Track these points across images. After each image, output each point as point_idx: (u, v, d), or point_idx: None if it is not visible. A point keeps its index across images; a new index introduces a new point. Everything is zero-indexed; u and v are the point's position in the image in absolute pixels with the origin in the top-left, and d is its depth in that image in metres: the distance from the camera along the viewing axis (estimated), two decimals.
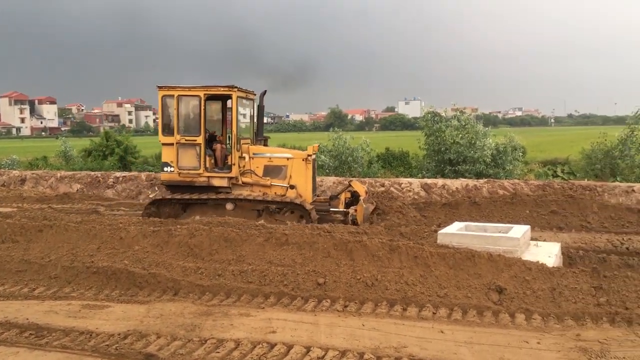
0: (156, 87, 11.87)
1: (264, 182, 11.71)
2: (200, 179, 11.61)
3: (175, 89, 11.64)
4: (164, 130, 11.86)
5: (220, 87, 11.64)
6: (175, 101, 11.58)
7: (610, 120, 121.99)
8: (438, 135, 19.01)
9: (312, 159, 11.73)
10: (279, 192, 11.68)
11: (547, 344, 5.34)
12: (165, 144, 11.77)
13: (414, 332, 5.72)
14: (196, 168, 11.55)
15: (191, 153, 11.59)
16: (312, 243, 7.68)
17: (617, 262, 8.06)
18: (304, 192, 11.70)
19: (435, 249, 7.41)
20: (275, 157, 11.93)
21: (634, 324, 5.74)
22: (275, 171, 11.81)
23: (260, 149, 12.10)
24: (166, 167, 11.74)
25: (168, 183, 11.90)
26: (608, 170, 19.53)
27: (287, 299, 6.74)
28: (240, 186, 11.77)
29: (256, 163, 11.81)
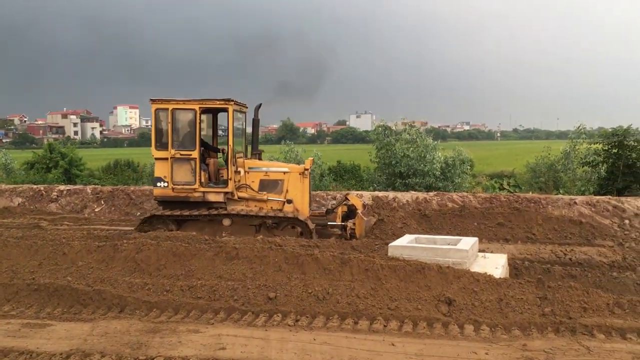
0: (149, 100, 11.51)
1: (260, 197, 11.49)
2: (195, 195, 11.28)
3: (169, 102, 11.31)
4: (157, 145, 11.46)
5: (216, 101, 11.36)
6: (169, 115, 11.26)
7: (553, 134, 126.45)
8: (389, 149, 19.28)
9: (308, 173, 11.61)
10: (275, 207, 11.48)
11: (495, 355, 5.42)
12: (159, 159, 11.40)
13: (365, 345, 5.71)
14: (191, 183, 11.23)
15: (186, 168, 11.27)
16: (263, 257, 7.61)
17: (560, 272, 8.30)
18: (301, 206, 11.53)
19: (386, 261, 7.45)
20: (271, 172, 11.68)
21: (577, 333, 5.89)
22: (272, 185, 11.61)
23: (256, 163, 11.83)
24: (159, 182, 11.36)
25: (161, 199, 11.52)
26: (552, 183, 20.20)
27: (238, 314, 6.63)
28: (235, 201, 11.49)
29: (252, 177, 11.57)
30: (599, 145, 19.76)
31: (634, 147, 18.71)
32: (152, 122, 11.71)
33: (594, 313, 6.27)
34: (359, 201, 12.00)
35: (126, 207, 17.17)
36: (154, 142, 11.47)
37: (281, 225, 11.20)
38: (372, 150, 20.74)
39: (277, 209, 11.41)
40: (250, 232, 11.01)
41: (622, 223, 14.61)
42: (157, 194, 11.47)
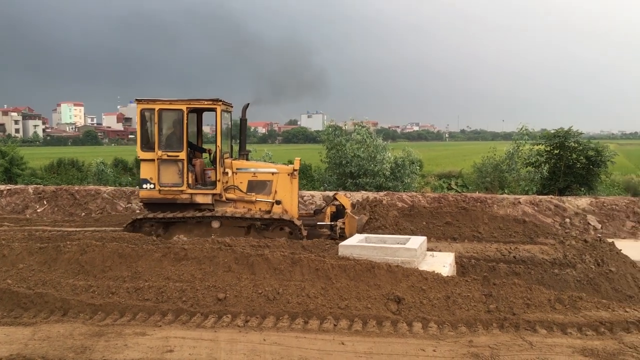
0: (135, 100, 11.21)
1: (248, 198, 11.34)
2: (183, 196, 11.06)
3: (156, 103, 11.06)
4: (142, 146, 11.19)
5: (203, 101, 11.19)
6: (156, 115, 10.99)
7: (499, 136, 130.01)
8: (339, 149, 19.39)
9: (297, 174, 11.49)
10: (264, 208, 11.34)
11: (442, 351, 5.51)
12: (145, 160, 11.14)
13: (315, 345, 5.71)
14: (178, 185, 11.01)
15: (173, 169, 11.05)
16: (213, 257, 7.51)
17: (505, 270, 8.51)
18: (290, 207, 11.42)
19: (336, 261, 7.47)
20: (260, 172, 11.58)
21: (520, 328, 6.06)
22: (260, 186, 11.50)
23: (244, 164, 11.69)
24: (145, 183, 11.09)
25: (147, 201, 11.23)
26: (497, 183, 20.73)
27: (186, 315, 6.53)
28: (223, 203, 11.30)
29: (240, 178, 11.44)
30: (542, 147, 20.44)
31: (575, 148, 19.45)
32: (137, 123, 11.39)
33: (536, 309, 6.46)
34: (347, 200, 12.03)
35: (70, 207, 16.68)
36: (140, 143, 11.22)
37: (271, 227, 11.07)
38: (323, 150, 20.81)
39: (265, 210, 11.29)
40: (239, 233, 10.83)
41: (563, 222, 15.15)
42: (143, 196, 11.22)
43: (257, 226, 11.06)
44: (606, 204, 15.50)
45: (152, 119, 11.11)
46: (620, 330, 6.00)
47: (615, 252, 9.68)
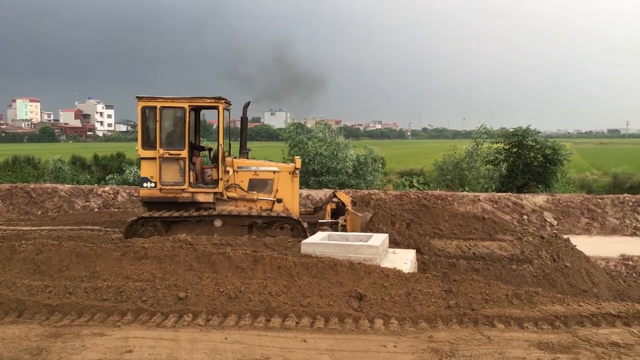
0: (135, 97, 11.01)
1: (250, 197, 11.26)
2: (184, 195, 10.93)
3: (157, 100, 10.89)
4: (143, 144, 10.99)
5: (206, 99, 11.09)
6: (157, 113, 10.82)
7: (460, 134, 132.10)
8: (301, 147, 19.39)
9: (298, 172, 11.46)
10: (265, 207, 11.27)
11: (403, 347, 5.58)
12: (145, 158, 10.96)
13: (277, 342, 5.71)
14: (180, 183, 10.89)
15: (175, 168, 10.92)
16: (173, 256, 7.41)
17: (465, 266, 8.67)
18: (291, 205, 11.38)
19: (299, 258, 7.48)
20: (261, 171, 11.50)
21: (479, 323, 6.19)
22: (261, 185, 11.44)
23: (245, 162, 11.59)
24: (146, 182, 10.93)
25: (148, 200, 11.04)
26: (457, 180, 21.07)
27: (146, 315, 6.44)
28: (224, 201, 11.20)
29: (241, 177, 11.36)
30: (501, 145, 20.87)
31: (532, 146, 19.92)
32: (138, 121, 11.22)
33: (494, 304, 6.60)
34: (347, 197, 12.03)
35: (26, 205, 16.28)
36: (141, 141, 11.05)
37: (273, 225, 11.05)
38: (286, 148, 20.79)
39: (266, 209, 11.25)
40: (242, 232, 10.78)
41: (521, 218, 15.51)
42: (143, 194, 11.08)
43: (258, 225, 11.05)
44: (562, 201, 15.93)
45: (153, 116, 11.00)
46: (574, 324, 6.18)
47: (570, 247, 9.96)
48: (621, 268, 11.33)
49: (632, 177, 21.87)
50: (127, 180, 21.26)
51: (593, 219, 15.48)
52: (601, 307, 6.58)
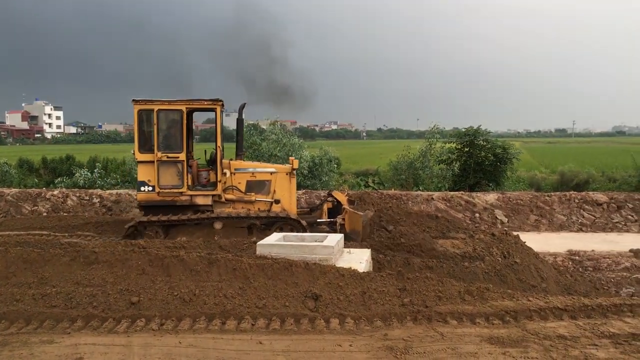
0: (132, 100, 10.78)
1: (248, 198, 11.22)
2: (183, 198, 10.81)
3: (154, 103, 10.75)
4: (140, 147, 10.82)
5: (203, 101, 11.00)
6: (154, 116, 10.68)
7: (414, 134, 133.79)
8: (256, 148, 19.31)
9: (295, 173, 11.47)
10: (262, 208, 11.25)
11: (358, 346, 5.62)
12: (142, 162, 10.79)
13: (232, 345, 5.66)
14: (178, 186, 10.79)
15: (173, 171, 10.82)
16: (125, 260, 7.27)
17: (419, 264, 8.79)
18: (289, 206, 11.37)
19: (254, 260, 7.44)
20: (258, 172, 11.51)
21: (433, 320, 6.29)
22: (259, 186, 11.43)
23: (242, 164, 11.55)
24: (143, 186, 10.79)
25: (146, 203, 10.89)
26: (411, 180, 21.35)
27: (97, 321, 6.29)
28: (222, 203, 11.11)
29: (238, 179, 11.33)
30: (453, 145, 21.26)
31: (483, 146, 20.37)
32: (135, 124, 11.06)
33: (447, 301, 6.72)
34: (344, 196, 12.07)
35: None
36: (137, 145, 10.89)
37: (274, 226, 11.03)
38: None
39: (265, 210, 11.26)
40: (242, 234, 10.81)
41: (473, 216, 15.84)
42: (141, 198, 10.95)
43: (257, 226, 11.06)
44: (512, 199, 16.35)
45: (150, 119, 10.88)
46: (523, 318, 6.34)
47: (520, 244, 10.23)
48: (568, 263, 11.71)
49: (578, 175, 22.62)
50: (77, 184, 20.71)
51: (541, 216, 15.94)
52: (549, 302, 6.79)
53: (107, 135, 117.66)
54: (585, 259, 11.90)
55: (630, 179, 22.00)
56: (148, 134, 11.02)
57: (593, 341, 5.64)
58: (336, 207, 11.98)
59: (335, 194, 12.34)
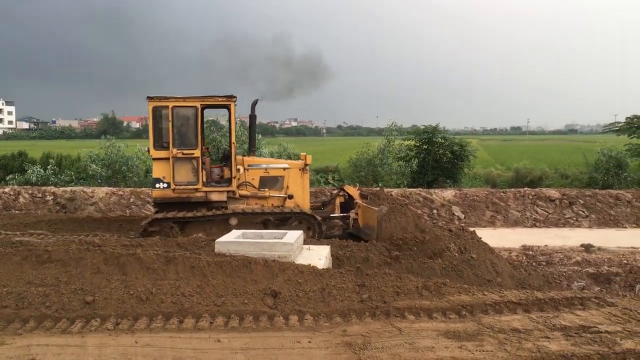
0: (147, 98, 10.67)
1: (261, 194, 11.25)
2: (198, 195, 10.79)
3: (169, 100, 10.68)
4: (155, 144, 10.75)
5: (218, 97, 10.94)
6: (170, 113, 10.63)
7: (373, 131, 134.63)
8: (215, 145, 19.13)
9: (308, 169, 11.53)
10: (276, 204, 11.29)
11: (317, 342, 5.64)
12: (157, 159, 10.72)
13: (190, 344, 5.60)
14: (193, 183, 10.76)
15: (188, 167, 10.78)
16: (79, 259, 7.10)
17: (377, 260, 8.86)
18: (302, 201, 11.40)
19: (213, 258, 7.37)
20: (271, 168, 11.53)
21: (391, 316, 6.35)
22: (272, 182, 11.46)
23: (255, 160, 11.57)
24: (158, 183, 10.72)
25: (161, 200, 10.80)
26: (371, 177, 21.50)
27: (50, 321, 6.13)
28: (236, 199, 11.11)
29: (252, 175, 11.34)
30: (412, 142, 21.53)
31: (441, 144, 20.72)
32: (149, 121, 10.96)
33: (405, 296, 6.80)
34: (356, 191, 12.10)
35: None
36: (152, 142, 10.85)
37: (288, 221, 11.08)
38: None
39: (278, 205, 11.32)
40: (258, 229, 10.56)
41: (431, 212, 16.07)
42: (156, 195, 10.90)
43: (272, 221, 11.08)
44: (469, 195, 16.66)
45: (165, 116, 10.86)
46: (479, 313, 6.47)
47: (477, 240, 10.42)
48: (522, 258, 12.00)
49: (532, 172, 23.16)
50: (29, 181, 20.12)
51: (497, 212, 16.29)
52: (504, 296, 6.95)
53: (62, 131, 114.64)
54: (539, 254, 12.22)
55: (581, 175, 22.70)
56: (163, 130, 11.06)
57: (545, 334, 5.80)
58: (348, 201, 12.11)
59: (347, 188, 12.44)
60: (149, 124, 11.10)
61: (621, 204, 16.50)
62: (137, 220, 13.98)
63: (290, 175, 11.68)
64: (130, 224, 13.50)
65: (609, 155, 20.52)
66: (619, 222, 16.07)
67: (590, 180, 21.20)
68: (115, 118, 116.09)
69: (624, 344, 5.47)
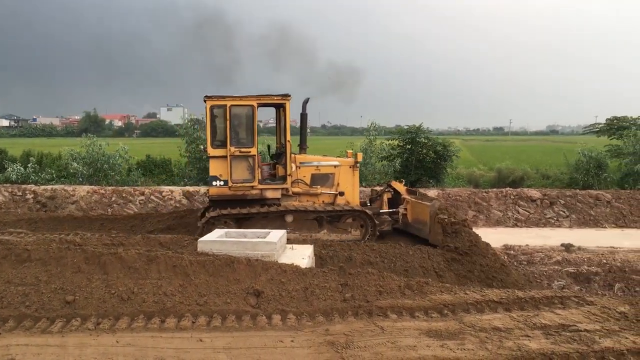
0: (204, 97, 10.82)
1: (314, 191, 11.42)
2: (253, 192, 10.97)
3: (226, 99, 10.83)
4: (213, 143, 10.91)
5: (273, 96, 11.12)
6: (227, 112, 10.78)
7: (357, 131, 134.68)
8: (199, 143, 19.01)
9: (358, 166, 11.68)
10: (327, 200, 11.45)
11: (300, 341, 5.64)
12: (214, 157, 10.86)
13: (172, 343, 5.57)
14: (250, 180, 10.95)
15: (245, 165, 10.99)
16: (60, 258, 7.03)
17: (360, 260, 8.89)
18: (352, 198, 11.53)
19: (195, 257, 7.34)
20: (322, 166, 11.68)
21: (373, 315, 6.37)
22: (323, 179, 11.61)
23: (307, 158, 11.69)
24: (215, 180, 10.88)
25: (217, 198, 10.94)
26: None
27: (30, 321, 6.06)
28: (289, 197, 11.28)
29: (303, 172, 11.50)
30: (395, 142, 21.59)
31: (425, 144, 20.78)
32: (207, 120, 11.06)
33: (388, 295, 6.83)
34: (402, 186, 12.30)
35: None
36: (210, 140, 11.01)
37: (342, 219, 11.27)
38: (182, 144, 20.31)
39: (329, 202, 11.49)
40: (312, 226, 11.12)
41: None
42: (213, 193, 11.04)
43: (325, 218, 11.26)
44: (451, 195, 16.76)
45: (222, 115, 11.00)
46: (461, 311, 6.52)
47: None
48: (504, 257, 12.10)
49: (513, 172, 23.31)
50: (9, 179, 19.84)
51: (479, 212, 16.42)
52: (485, 295, 7.01)
53: (42, 128, 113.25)
54: (520, 253, 12.35)
55: (562, 176, 22.92)
56: (221, 129, 11.18)
57: (526, 332, 5.86)
58: (394, 197, 12.24)
59: (394, 184, 12.61)
60: (206, 123, 11.24)
61: (601, 204, 16.71)
62: (119, 219, 13.89)
63: (340, 173, 11.85)
64: (112, 223, 13.40)
65: (589, 155, 20.73)
66: (599, 222, 16.28)
67: (570, 180, 21.42)
68: (97, 116, 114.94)
69: (602, 342, 5.54)
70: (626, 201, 16.81)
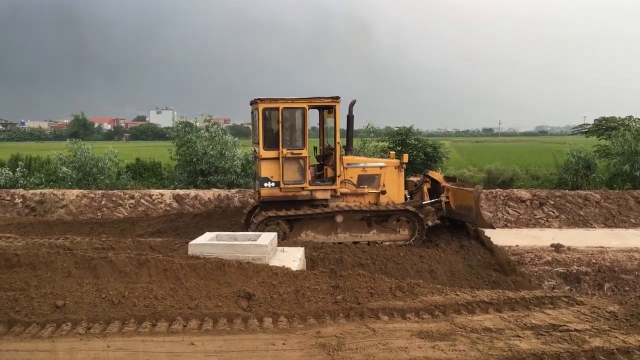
0: (256, 100, 10.94)
1: (361, 192, 11.56)
2: (304, 193, 11.10)
3: (278, 102, 10.91)
4: (265, 145, 10.96)
5: (324, 99, 11.21)
6: (280, 114, 10.85)
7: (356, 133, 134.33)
8: (189, 146, 18.95)
9: (404, 167, 11.80)
10: (372, 201, 11.57)
11: (292, 344, 5.64)
12: (266, 159, 10.95)
13: (163, 347, 5.55)
14: (300, 182, 11.07)
15: (296, 167, 11.09)
16: (50, 262, 6.99)
17: (351, 262, 8.90)
18: (396, 197, 11.65)
19: (186, 260, 7.33)
20: (369, 167, 11.80)
21: (365, 317, 6.38)
22: (369, 180, 11.71)
23: (354, 159, 11.85)
24: (267, 182, 10.99)
25: (268, 199, 11.05)
26: None
27: (20, 326, 6.01)
28: (336, 197, 11.41)
29: (350, 173, 11.60)
30: (386, 143, 21.65)
31: (415, 145, 20.87)
32: (259, 122, 11.09)
33: (379, 297, 6.85)
34: (439, 175, 12.50)
35: None
36: (262, 142, 11.07)
37: (391, 217, 11.39)
38: (173, 147, 20.24)
39: (373, 202, 11.61)
40: (362, 226, 11.28)
41: None
42: (264, 194, 11.15)
43: (374, 218, 11.39)
44: None
45: (274, 118, 11.11)
46: (452, 312, 6.55)
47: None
48: None
49: (503, 173, 23.41)
50: None
51: None
52: (476, 296, 7.04)
53: (31, 132, 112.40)
54: (510, 254, 12.40)
55: (551, 176, 23.04)
56: (273, 132, 11.26)
57: (517, 332, 5.89)
58: (433, 186, 12.37)
59: (431, 173, 12.76)
60: (258, 126, 11.24)
61: (590, 205, 16.83)
62: (109, 222, 13.83)
63: (386, 173, 11.93)
64: (102, 227, 13.34)
65: (578, 156, 20.86)
66: (588, 222, 16.39)
67: (560, 181, 21.54)
68: (86, 120, 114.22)
69: (592, 342, 5.58)
70: (615, 201, 16.94)
